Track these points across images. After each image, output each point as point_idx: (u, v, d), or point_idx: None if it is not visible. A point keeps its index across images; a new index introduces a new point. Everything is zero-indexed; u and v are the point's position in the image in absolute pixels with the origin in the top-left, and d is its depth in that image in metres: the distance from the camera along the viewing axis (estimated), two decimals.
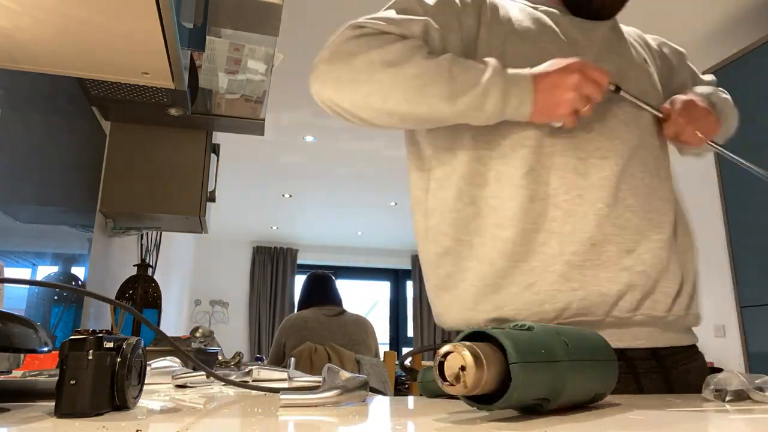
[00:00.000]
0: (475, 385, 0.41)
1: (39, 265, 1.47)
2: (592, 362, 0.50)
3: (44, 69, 0.89)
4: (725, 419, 0.48)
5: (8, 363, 0.50)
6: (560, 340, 0.48)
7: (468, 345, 0.43)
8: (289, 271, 7.83)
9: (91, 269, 1.96)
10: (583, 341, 0.51)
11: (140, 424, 0.41)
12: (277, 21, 1.59)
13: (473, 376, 0.41)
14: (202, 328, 1.58)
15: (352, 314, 2.44)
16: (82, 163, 1.76)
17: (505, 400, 0.43)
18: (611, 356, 0.54)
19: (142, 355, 0.51)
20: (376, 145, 4.41)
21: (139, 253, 2.43)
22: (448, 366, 0.43)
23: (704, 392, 0.61)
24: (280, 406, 0.51)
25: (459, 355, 0.42)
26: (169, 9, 0.74)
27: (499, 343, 0.45)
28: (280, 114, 3.88)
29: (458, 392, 0.42)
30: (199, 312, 7.45)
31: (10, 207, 1.24)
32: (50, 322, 1.56)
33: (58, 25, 0.76)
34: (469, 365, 0.41)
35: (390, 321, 8.39)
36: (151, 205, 2.06)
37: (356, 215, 6.58)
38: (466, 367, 0.41)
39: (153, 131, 2.10)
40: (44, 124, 1.40)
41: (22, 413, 0.46)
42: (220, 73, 1.81)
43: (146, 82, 0.93)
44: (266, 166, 4.93)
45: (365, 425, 0.43)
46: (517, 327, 0.49)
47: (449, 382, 0.42)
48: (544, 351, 0.46)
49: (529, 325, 0.49)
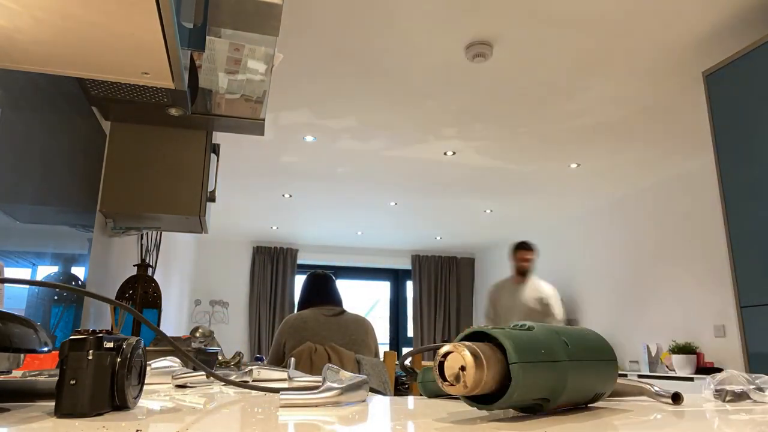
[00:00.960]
0: (475, 385, 0.41)
1: (39, 265, 1.47)
2: (592, 362, 0.50)
3: (44, 69, 0.89)
4: (725, 419, 0.48)
5: (8, 363, 0.50)
6: (560, 340, 0.48)
7: (468, 345, 0.43)
8: (289, 271, 7.83)
9: (91, 269, 1.96)
10: (583, 341, 0.51)
11: (140, 424, 0.41)
12: (277, 21, 1.59)
13: (473, 376, 0.41)
14: (202, 328, 1.58)
15: (351, 314, 2.44)
16: (82, 163, 1.76)
17: (505, 400, 0.43)
18: (611, 356, 0.54)
19: (142, 355, 0.51)
20: (376, 145, 4.41)
21: (139, 253, 2.43)
22: (448, 366, 0.43)
23: (704, 392, 0.61)
24: (280, 406, 0.51)
25: (459, 355, 0.42)
26: (169, 9, 0.74)
27: (499, 342, 0.45)
28: (280, 114, 3.88)
29: (458, 392, 0.42)
30: (199, 312, 7.45)
31: (10, 207, 1.24)
32: (50, 322, 1.56)
33: (58, 25, 0.76)
34: (469, 365, 0.41)
35: (390, 321, 8.39)
36: (151, 205, 2.06)
37: (356, 215, 6.58)
38: (466, 367, 0.41)
39: (153, 131, 2.11)
40: (44, 124, 1.40)
41: (22, 413, 0.46)
42: (220, 73, 1.81)
43: (146, 82, 0.93)
44: (266, 166, 4.93)
45: (365, 425, 0.43)
46: (517, 327, 0.49)
47: (449, 382, 0.42)
48: (544, 351, 0.46)
49: (529, 325, 0.49)
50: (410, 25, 2.79)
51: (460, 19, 2.75)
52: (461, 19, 2.74)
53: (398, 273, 8.55)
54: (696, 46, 2.92)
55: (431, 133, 4.15)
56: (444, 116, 3.87)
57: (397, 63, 3.16)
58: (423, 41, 2.94)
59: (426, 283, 8.28)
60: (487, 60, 3.08)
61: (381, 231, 7.30)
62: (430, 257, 8.40)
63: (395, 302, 8.51)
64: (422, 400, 0.61)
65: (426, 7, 2.66)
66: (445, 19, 2.75)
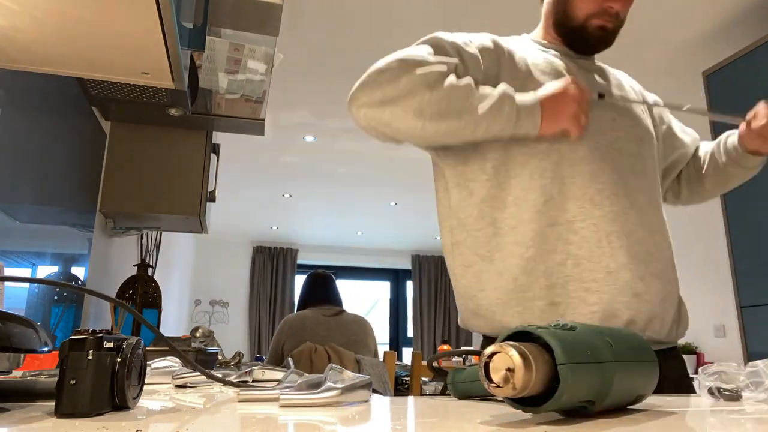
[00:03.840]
0: (524, 386, 0.40)
1: (39, 265, 1.47)
2: (635, 363, 0.48)
3: (44, 69, 0.89)
4: (725, 419, 0.48)
5: (8, 363, 0.50)
6: (605, 340, 0.46)
7: (515, 345, 0.41)
8: (289, 271, 7.83)
9: (91, 269, 1.96)
10: (625, 341, 0.49)
11: (140, 424, 0.41)
12: (277, 21, 1.59)
13: (522, 377, 0.40)
14: (202, 328, 1.58)
15: (351, 314, 2.44)
16: (82, 163, 1.76)
17: (553, 403, 0.41)
18: (652, 357, 0.52)
19: (142, 355, 0.51)
20: (376, 145, 4.41)
21: (139, 253, 2.43)
22: (494, 367, 0.41)
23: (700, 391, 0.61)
24: (280, 406, 0.51)
25: (506, 356, 0.40)
26: (169, 9, 0.74)
27: (544, 342, 0.43)
28: (280, 114, 3.88)
29: (506, 394, 0.41)
30: (199, 312, 7.45)
31: (10, 207, 1.24)
32: (50, 322, 1.56)
33: (58, 24, 0.76)
34: (517, 366, 0.40)
35: (390, 321, 8.39)
36: (151, 205, 2.05)
37: (356, 215, 6.57)
38: (515, 368, 0.40)
39: (153, 131, 2.10)
40: (44, 124, 1.40)
41: (22, 413, 0.46)
42: (220, 73, 1.81)
43: (146, 82, 0.93)
44: (266, 166, 4.93)
45: (365, 425, 0.43)
46: (559, 326, 0.47)
47: (496, 384, 0.41)
48: (590, 351, 0.44)
49: (571, 325, 0.47)
50: (410, 25, 2.79)
51: (460, 19, 2.75)
52: (461, 18, 2.74)
53: (398, 273, 8.54)
54: (696, 45, 2.92)
55: None
56: None
57: None
58: None
59: (426, 283, 8.28)
60: None
61: (381, 231, 7.30)
62: (430, 257, 8.40)
63: (395, 302, 8.51)
64: (423, 401, 0.61)
65: (426, 7, 2.66)
66: (444, 19, 2.75)
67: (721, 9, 2.63)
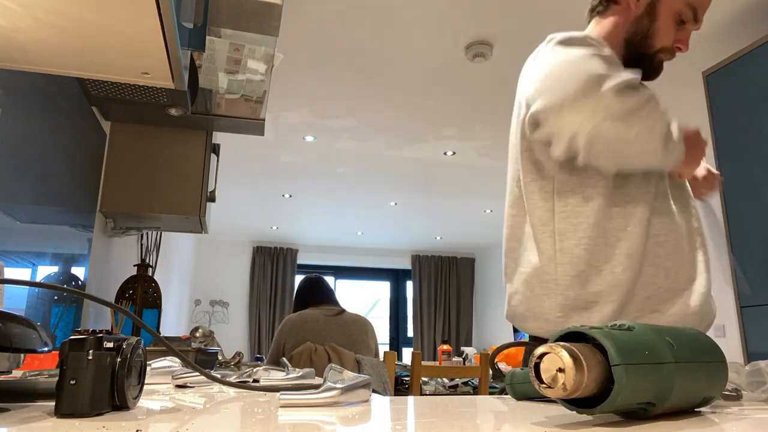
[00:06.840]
0: (575, 387, 0.39)
1: (39, 265, 1.47)
2: (700, 364, 0.47)
3: (44, 69, 0.89)
4: (725, 419, 0.48)
5: (8, 363, 0.50)
6: (664, 340, 0.45)
7: (565, 345, 0.40)
8: (289, 271, 7.83)
9: (91, 269, 1.96)
10: (688, 341, 0.47)
11: (140, 424, 0.41)
12: (277, 21, 1.59)
13: (573, 378, 0.39)
14: (202, 328, 1.58)
15: (351, 314, 2.44)
16: (82, 163, 1.76)
17: (608, 404, 0.40)
18: (720, 357, 0.50)
19: (142, 355, 0.51)
20: (376, 145, 4.41)
21: (139, 253, 2.43)
22: (544, 368, 0.40)
23: None
24: (280, 406, 0.51)
25: (556, 357, 0.40)
26: (169, 9, 0.74)
27: (598, 343, 0.42)
28: (280, 114, 3.88)
29: (556, 395, 0.40)
30: (199, 312, 7.45)
31: (10, 207, 1.24)
32: (50, 322, 1.56)
33: (58, 25, 0.76)
34: (568, 367, 0.39)
35: (390, 321, 8.39)
36: (151, 205, 2.06)
37: (356, 215, 6.57)
38: (565, 368, 0.39)
39: (153, 131, 2.10)
40: (44, 124, 1.40)
41: (22, 413, 0.46)
42: (220, 73, 1.81)
43: (146, 82, 0.93)
44: (266, 166, 4.93)
45: (365, 425, 0.43)
46: (615, 327, 0.46)
47: (546, 384, 0.40)
48: (647, 352, 0.43)
49: (629, 325, 0.46)
50: (410, 25, 2.79)
51: (460, 19, 2.75)
52: (461, 19, 2.74)
53: (398, 273, 8.54)
54: (696, 46, 2.92)
55: (431, 133, 4.15)
56: (444, 116, 3.87)
57: (397, 63, 3.16)
58: (423, 41, 2.94)
59: (426, 283, 8.28)
60: (487, 60, 3.08)
61: (381, 231, 7.30)
62: (430, 257, 8.40)
63: (395, 302, 8.51)
64: (422, 401, 0.61)
65: (426, 8, 2.66)
66: (445, 19, 2.75)
67: (721, 9, 2.63)
